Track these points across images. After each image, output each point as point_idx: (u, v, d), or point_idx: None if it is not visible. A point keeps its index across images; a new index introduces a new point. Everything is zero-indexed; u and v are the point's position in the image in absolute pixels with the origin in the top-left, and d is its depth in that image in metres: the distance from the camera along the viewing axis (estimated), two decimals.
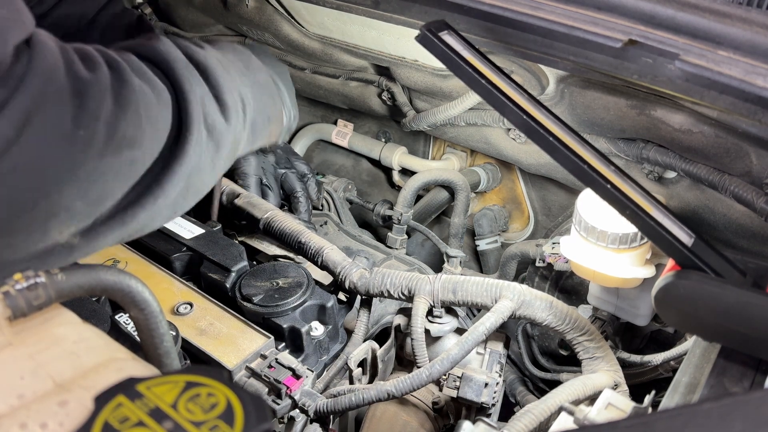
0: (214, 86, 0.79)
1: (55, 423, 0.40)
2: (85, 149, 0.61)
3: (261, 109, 0.89)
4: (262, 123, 0.90)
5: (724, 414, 0.43)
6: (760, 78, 0.70)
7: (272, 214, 1.07)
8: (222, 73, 0.81)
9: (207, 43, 0.89)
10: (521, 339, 1.29)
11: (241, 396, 0.41)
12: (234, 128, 0.81)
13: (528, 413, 0.75)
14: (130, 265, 1.02)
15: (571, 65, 0.88)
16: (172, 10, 1.56)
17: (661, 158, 1.01)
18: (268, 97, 0.92)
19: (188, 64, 0.78)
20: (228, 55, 0.89)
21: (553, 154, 0.73)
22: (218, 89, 0.79)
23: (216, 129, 0.78)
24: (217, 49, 0.88)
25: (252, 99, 0.88)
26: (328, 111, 1.68)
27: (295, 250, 1.03)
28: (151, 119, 0.70)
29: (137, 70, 0.71)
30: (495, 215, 1.45)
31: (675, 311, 0.68)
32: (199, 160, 0.76)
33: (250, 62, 0.92)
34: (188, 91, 0.75)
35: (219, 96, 0.79)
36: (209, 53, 0.83)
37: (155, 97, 0.71)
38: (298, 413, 0.86)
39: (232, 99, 0.81)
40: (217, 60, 0.83)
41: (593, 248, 0.86)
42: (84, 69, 0.63)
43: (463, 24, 0.86)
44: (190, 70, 0.77)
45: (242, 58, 0.91)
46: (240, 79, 0.86)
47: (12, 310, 0.48)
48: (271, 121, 0.93)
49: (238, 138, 0.84)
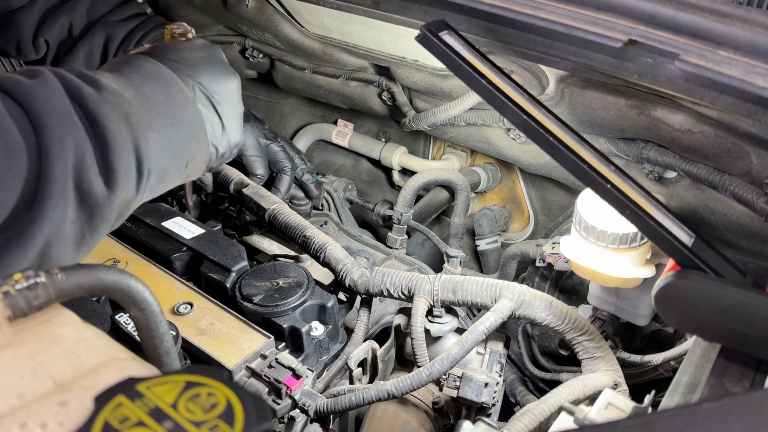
0: (102, 145, 0.67)
1: (55, 423, 0.40)
2: None
3: (176, 154, 0.77)
4: (177, 169, 0.79)
5: (724, 414, 0.43)
6: (760, 78, 0.70)
7: (278, 207, 1.07)
8: (115, 128, 0.68)
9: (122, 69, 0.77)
10: (521, 339, 1.29)
11: (242, 396, 0.41)
12: (119, 195, 0.69)
13: (528, 413, 0.75)
14: (130, 265, 1.02)
15: (571, 65, 0.88)
16: (172, 10, 1.56)
17: (661, 158, 1.01)
18: (189, 138, 0.79)
19: (70, 115, 0.66)
20: (143, 88, 0.75)
21: (553, 154, 0.73)
22: (105, 149, 0.67)
23: (92, 198, 0.67)
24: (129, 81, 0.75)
25: (164, 144, 0.75)
26: (328, 111, 1.68)
27: (299, 244, 1.03)
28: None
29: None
30: (495, 215, 1.45)
31: (675, 311, 0.68)
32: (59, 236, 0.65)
33: (173, 95, 0.78)
34: (54, 157, 0.63)
35: (105, 158, 0.67)
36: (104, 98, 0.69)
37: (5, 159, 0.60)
38: (298, 413, 0.86)
39: (123, 161, 0.69)
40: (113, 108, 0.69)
41: (593, 248, 0.86)
42: None
43: (463, 24, 0.86)
44: (69, 125, 0.65)
45: (164, 90, 0.77)
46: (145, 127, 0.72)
47: (12, 310, 0.48)
48: (190, 164, 0.81)
49: (128, 201, 0.72)
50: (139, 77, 0.76)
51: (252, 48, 1.52)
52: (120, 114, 0.70)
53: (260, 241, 1.18)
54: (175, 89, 0.78)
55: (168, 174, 0.77)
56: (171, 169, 0.77)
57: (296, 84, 1.53)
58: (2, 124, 0.61)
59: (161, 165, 0.75)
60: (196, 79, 0.81)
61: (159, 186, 0.77)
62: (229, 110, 0.85)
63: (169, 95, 0.77)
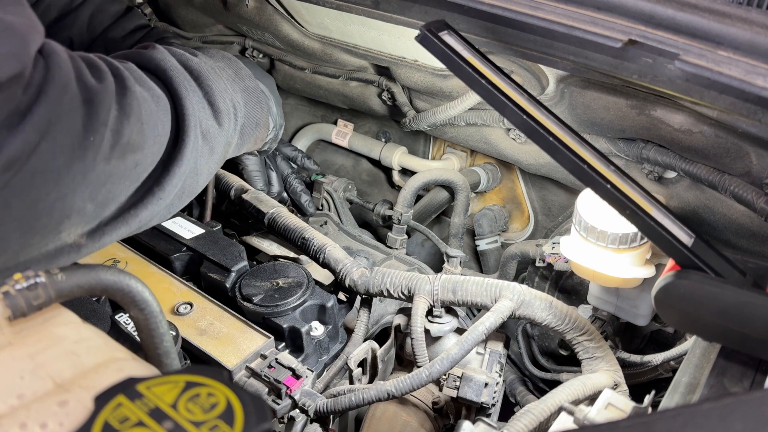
0: (208, 92, 0.83)
1: (55, 423, 0.40)
2: (95, 155, 0.65)
3: (250, 115, 0.93)
4: (251, 128, 0.94)
5: (724, 414, 0.43)
6: (760, 78, 0.70)
7: (277, 210, 1.08)
8: (215, 80, 0.85)
9: (198, 50, 0.92)
10: (521, 339, 1.29)
11: (241, 396, 0.41)
12: (226, 132, 0.85)
13: (528, 413, 0.75)
14: (130, 265, 1.02)
15: (571, 65, 0.88)
16: (172, 10, 1.56)
17: (661, 158, 1.01)
18: (256, 103, 0.96)
19: (183, 71, 0.81)
20: (218, 62, 0.92)
21: (553, 154, 0.73)
22: (211, 95, 0.83)
23: (210, 133, 0.81)
24: (209, 57, 0.92)
25: (242, 104, 0.91)
26: (328, 111, 1.68)
27: (298, 246, 1.03)
28: (152, 125, 0.73)
29: (138, 78, 0.74)
30: (495, 215, 1.45)
31: (675, 311, 0.68)
32: (195, 163, 0.79)
33: (239, 70, 0.95)
34: (184, 97, 0.78)
35: (212, 101, 0.83)
36: (202, 60, 0.86)
37: (155, 103, 0.74)
38: (298, 413, 0.86)
39: (224, 104, 0.84)
40: (209, 67, 0.86)
41: (593, 248, 0.86)
42: (92, 78, 0.66)
43: (463, 24, 0.86)
44: (185, 77, 0.80)
45: (232, 66, 0.95)
46: (231, 85, 0.89)
47: (12, 310, 0.48)
48: (259, 126, 0.97)
49: (229, 141, 0.87)
50: (209, 57, 0.92)
51: (252, 48, 1.52)
52: (214, 72, 0.87)
53: (260, 241, 1.19)
54: (238, 66, 0.96)
55: (245, 131, 0.93)
56: (247, 126, 0.93)
57: (296, 84, 1.53)
58: (146, 80, 0.75)
59: (243, 121, 0.91)
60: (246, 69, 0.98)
61: (240, 141, 0.93)
62: (274, 96, 1.03)
63: (236, 70, 0.95)
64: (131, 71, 0.75)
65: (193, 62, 0.84)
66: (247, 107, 0.93)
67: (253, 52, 1.52)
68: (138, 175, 0.72)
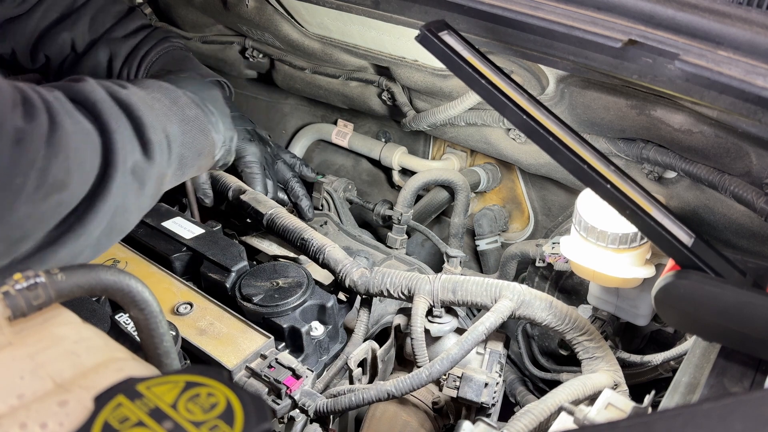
0: (138, 125, 0.81)
1: (55, 423, 0.40)
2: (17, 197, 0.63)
3: (190, 144, 0.91)
4: (192, 158, 0.92)
5: (724, 414, 0.43)
6: (760, 78, 0.70)
7: (276, 211, 1.07)
8: (146, 111, 0.82)
9: (131, 83, 0.91)
10: (521, 339, 1.29)
11: (241, 396, 0.41)
12: (158, 165, 0.83)
13: (528, 413, 0.75)
14: (130, 265, 1.02)
15: (571, 65, 0.88)
16: (172, 10, 1.56)
17: (661, 158, 1.01)
18: (198, 132, 0.93)
19: (113, 104, 0.79)
20: (154, 93, 0.90)
21: (553, 154, 0.73)
22: (142, 127, 0.81)
23: (139, 167, 0.79)
24: (142, 88, 0.90)
25: (180, 134, 0.89)
26: (328, 111, 1.68)
27: (298, 247, 1.03)
28: (79, 162, 0.71)
29: (68, 111, 0.73)
30: (495, 215, 1.45)
31: (675, 311, 0.68)
32: (123, 199, 0.77)
33: (177, 99, 0.93)
34: (113, 131, 0.76)
35: (142, 134, 0.81)
36: (132, 92, 0.84)
37: (83, 139, 0.73)
38: (298, 413, 0.86)
39: (156, 136, 0.82)
40: (140, 98, 0.84)
41: (593, 248, 0.86)
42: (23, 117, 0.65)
43: (463, 24, 0.86)
44: (115, 110, 0.79)
45: (169, 95, 0.92)
46: (166, 116, 0.87)
47: (12, 310, 0.48)
48: (202, 155, 0.95)
49: (162, 174, 0.85)
50: (145, 88, 0.90)
51: (252, 48, 1.52)
52: (146, 103, 0.84)
53: (260, 241, 1.18)
54: (175, 95, 0.93)
55: (186, 161, 0.91)
56: (188, 156, 0.91)
57: (296, 84, 1.53)
58: (74, 114, 0.73)
59: (180, 152, 0.88)
60: (185, 89, 0.96)
61: (179, 172, 0.90)
62: (217, 108, 0.99)
63: (173, 99, 0.92)
64: (62, 104, 0.73)
65: (123, 94, 0.82)
66: (187, 136, 0.91)
67: (253, 52, 1.52)
68: (59, 214, 0.70)
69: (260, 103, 1.75)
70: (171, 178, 0.89)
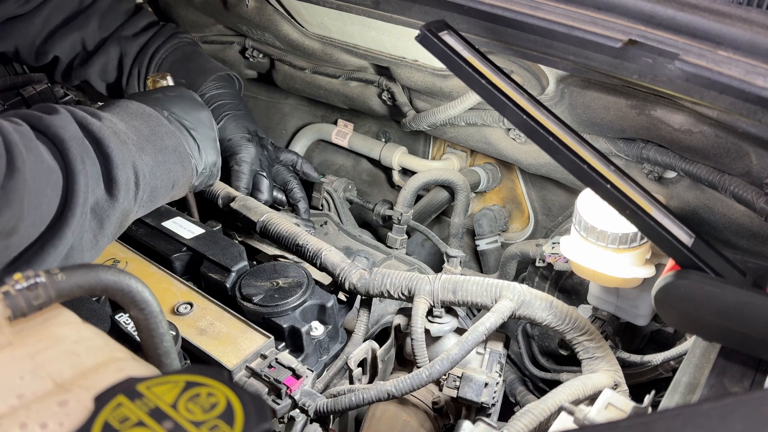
0: (107, 162, 0.79)
1: (55, 423, 0.40)
2: None
3: (164, 176, 0.90)
4: (165, 188, 0.91)
5: (724, 414, 0.43)
6: (760, 78, 0.70)
7: (268, 217, 1.07)
8: (116, 148, 0.81)
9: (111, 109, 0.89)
10: (521, 339, 1.29)
11: (241, 396, 0.41)
12: (121, 204, 0.81)
13: (528, 413, 0.75)
14: (130, 265, 1.02)
15: (571, 65, 0.88)
16: (172, 10, 1.56)
17: (661, 158, 1.01)
18: (174, 162, 0.92)
19: (83, 140, 0.78)
20: (134, 122, 0.89)
21: (553, 154, 0.73)
22: (110, 165, 0.79)
23: (100, 206, 0.78)
24: (120, 118, 0.88)
25: (154, 166, 0.87)
26: (328, 111, 1.68)
27: (293, 252, 1.03)
28: (35, 205, 0.70)
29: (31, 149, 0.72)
30: (495, 215, 1.45)
31: (675, 311, 0.68)
32: (80, 240, 0.76)
33: (157, 127, 0.91)
34: (78, 171, 0.75)
35: (110, 172, 0.79)
36: (106, 125, 0.82)
37: (45, 179, 0.72)
38: (298, 413, 0.86)
39: (123, 174, 0.81)
40: (114, 133, 0.82)
41: (593, 248, 0.86)
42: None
43: (463, 24, 0.86)
44: (83, 148, 0.77)
45: (149, 123, 0.90)
46: (139, 151, 0.86)
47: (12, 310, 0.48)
48: (177, 186, 0.94)
49: (126, 211, 0.83)
50: (128, 115, 0.89)
51: (252, 48, 1.52)
52: (118, 137, 0.82)
53: (260, 241, 1.18)
54: (157, 123, 0.92)
55: (158, 193, 0.89)
56: (160, 188, 0.89)
57: (296, 84, 1.53)
58: (38, 151, 0.72)
59: (152, 183, 0.87)
60: (170, 111, 0.96)
61: (150, 203, 0.89)
62: (202, 134, 0.98)
63: (154, 128, 0.90)
64: (26, 140, 0.72)
65: (95, 128, 0.80)
66: (161, 168, 0.89)
67: (253, 52, 1.52)
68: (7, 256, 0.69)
69: (260, 103, 1.75)
70: (140, 211, 0.88)
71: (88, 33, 1.29)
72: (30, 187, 0.69)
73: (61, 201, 0.73)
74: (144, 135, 0.88)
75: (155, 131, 0.90)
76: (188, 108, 0.99)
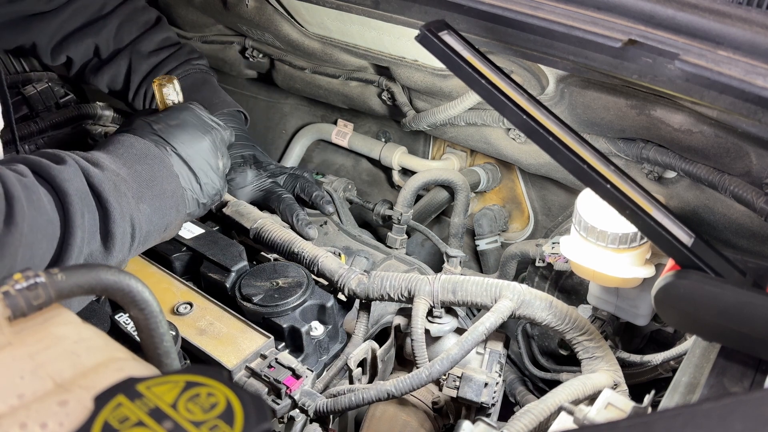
0: (106, 216, 0.80)
1: (55, 423, 0.40)
2: None
3: (158, 222, 0.90)
4: (158, 232, 0.91)
5: (724, 414, 0.43)
6: (760, 78, 0.70)
7: (261, 224, 1.07)
8: (116, 202, 0.81)
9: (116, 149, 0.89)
10: (521, 339, 1.29)
11: (241, 396, 0.41)
12: (116, 257, 0.82)
13: (528, 413, 0.75)
14: (130, 264, 1.02)
15: (571, 65, 0.88)
16: (172, 10, 1.56)
17: (661, 158, 1.01)
18: (170, 207, 0.92)
19: (87, 194, 0.79)
20: (135, 166, 0.89)
21: (553, 154, 0.73)
22: (108, 220, 0.80)
23: (94, 259, 0.79)
24: (124, 161, 0.88)
25: (151, 214, 0.88)
26: (328, 111, 1.68)
27: (289, 258, 1.03)
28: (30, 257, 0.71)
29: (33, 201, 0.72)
30: (495, 215, 1.45)
31: (675, 311, 0.68)
32: None
33: (158, 172, 0.91)
34: (76, 226, 0.75)
35: (107, 227, 0.80)
36: (107, 177, 0.82)
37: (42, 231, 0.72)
38: (298, 413, 0.86)
39: (121, 229, 0.81)
40: (114, 186, 0.83)
41: (593, 248, 0.86)
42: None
43: (463, 24, 0.86)
44: (85, 202, 0.78)
45: (152, 167, 0.91)
46: (137, 201, 0.86)
47: (12, 309, 0.48)
48: (169, 228, 0.94)
49: (120, 261, 0.84)
50: (131, 157, 0.90)
51: (252, 48, 1.52)
52: (119, 190, 0.83)
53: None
54: (159, 165, 0.92)
55: (150, 236, 0.90)
56: (153, 233, 0.90)
57: (296, 84, 1.53)
58: (40, 203, 0.73)
59: (147, 230, 0.88)
60: (172, 145, 0.96)
61: (141, 247, 0.90)
62: (202, 166, 0.99)
63: (155, 172, 0.91)
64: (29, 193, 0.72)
65: (97, 180, 0.80)
66: (157, 215, 0.89)
67: (253, 52, 1.52)
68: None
69: (260, 103, 1.75)
70: (130, 256, 0.88)
71: (103, 41, 1.29)
72: (26, 240, 0.69)
73: (55, 253, 0.74)
74: (144, 180, 0.89)
75: (156, 176, 0.91)
76: (189, 140, 0.98)
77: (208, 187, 1.00)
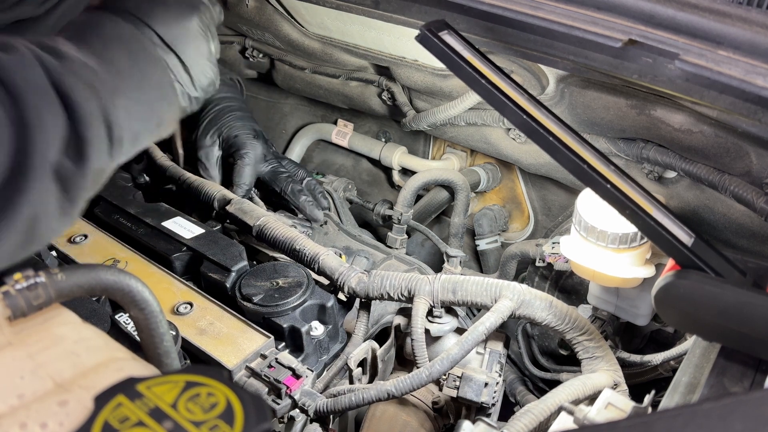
0: (74, 117, 0.66)
1: (55, 423, 0.40)
2: None
3: (147, 116, 0.76)
4: (149, 130, 0.78)
5: (724, 414, 0.43)
6: (760, 78, 0.70)
7: (264, 221, 1.07)
8: (82, 99, 0.67)
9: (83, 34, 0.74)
10: (521, 339, 1.29)
11: (241, 396, 0.41)
12: (93, 164, 0.68)
13: (528, 413, 0.75)
14: (130, 264, 1.02)
15: (571, 65, 0.88)
16: None
17: (661, 158, 1.01)
18: (158, 98, 0.78)
19: (47, 90, 0.64)
20: (106, 53, 0.73)
21: (553, 154, 0.73)
22: (78, 121, 0.66)
23: (66, 169, 0.66)
24: (92, 49, 0.73)
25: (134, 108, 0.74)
26: (328, 111, 1.68)
27: (291, 256, 1.03)
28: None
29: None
30: (495, 215, 1.45)
31: (675, 311, 0.68)
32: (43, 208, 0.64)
33: (138, 56, 0.76)
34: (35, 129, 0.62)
35: (77, 130, 0.66)
36: (70, 67, 0.68)
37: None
38: (298, 413, 0.86)
39: (93, 131, 0.68)
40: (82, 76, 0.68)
41: (593, 248, 0.86)
42: None
43: (463, 24, 0.86)
44: (46, 100, 0.64)
45: (130, 52, 0.75)
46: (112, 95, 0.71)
47: (12, 310, 0.48)
48: (162, 124, 0.80)
49: (101, 169, 0.71)
50: (101, 42, 0.74)
51: (252, 48, 1.52)
52: (85, 83, 0.68)
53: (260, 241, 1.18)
54: (138, 49, 0.76)
55: (140, 136, 0.76)
56: (143, 131, 0.76)
57: (296, 84, 1.53)
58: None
59: (133, 129, 0.74)
60: (152, 26, 0.78)
61: (132, 149, 0.76)
62: (191, 52, 0.82)
63: (134, 58, 0.75)
64: None
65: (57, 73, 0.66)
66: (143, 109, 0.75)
67: (253, 52, 1.52)
68: None
69: (260, 103, 1.75)
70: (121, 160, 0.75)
71: None
72: None
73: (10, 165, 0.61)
74: (121, 70, 0.73)
75: (135, 62, 0.75)
76: (171, 19, 0.81)
77: (199, 77, 0.83)
